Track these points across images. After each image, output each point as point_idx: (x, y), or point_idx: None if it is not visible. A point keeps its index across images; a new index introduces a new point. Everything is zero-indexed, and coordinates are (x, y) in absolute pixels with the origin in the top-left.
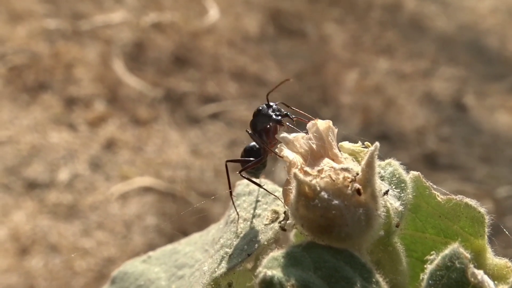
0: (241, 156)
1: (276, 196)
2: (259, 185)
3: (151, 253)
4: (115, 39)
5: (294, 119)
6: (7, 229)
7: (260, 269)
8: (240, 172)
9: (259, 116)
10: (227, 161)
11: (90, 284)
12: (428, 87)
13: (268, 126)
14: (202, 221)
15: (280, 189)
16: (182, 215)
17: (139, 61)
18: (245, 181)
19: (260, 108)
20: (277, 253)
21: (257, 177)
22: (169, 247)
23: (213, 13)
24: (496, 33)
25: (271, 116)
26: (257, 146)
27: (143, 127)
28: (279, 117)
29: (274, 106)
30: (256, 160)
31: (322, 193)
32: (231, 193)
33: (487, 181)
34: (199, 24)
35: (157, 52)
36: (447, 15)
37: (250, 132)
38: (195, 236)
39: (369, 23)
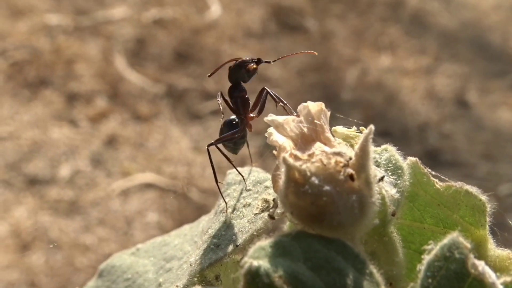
0: (220, 132)
1: (242, 176)
2: (230, 161)
3: (140, 246)
4: (117, 35)
5: (278, 103)
6: (8, 225)
7: (245, 259)
8: (209, 145)
9: (231, 78)
10: (209, 145)
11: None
12: (430, 84)
13: (244, 93)
14: None
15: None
16: (183, 211)
17: (141, 57)
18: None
19: (231, 68)
20: (264, 242)
21: (236, 153)
22: (158, 239)
23: (215, 9)
24: (499, 30)
25: (242, 68)
26: (237, 119)
27: (145, 123)
28: (251, 64)
29: (242, 60)
30: (232, 132)
31: (313, 178)
32: (216, 181)
33: (489, 178)
34: (201, 20)
35: (159, 48)
36: (450, 12)
37: (222, 101)
38: (185, 228)
39: (371, 19)
